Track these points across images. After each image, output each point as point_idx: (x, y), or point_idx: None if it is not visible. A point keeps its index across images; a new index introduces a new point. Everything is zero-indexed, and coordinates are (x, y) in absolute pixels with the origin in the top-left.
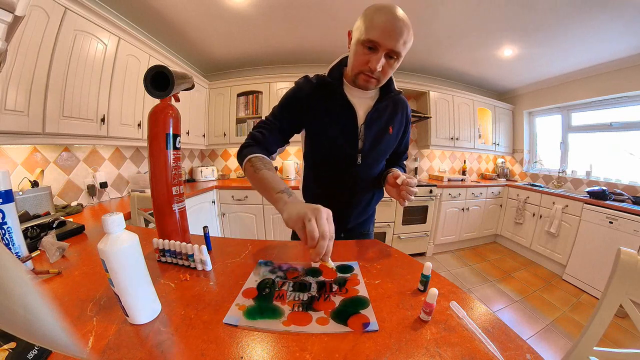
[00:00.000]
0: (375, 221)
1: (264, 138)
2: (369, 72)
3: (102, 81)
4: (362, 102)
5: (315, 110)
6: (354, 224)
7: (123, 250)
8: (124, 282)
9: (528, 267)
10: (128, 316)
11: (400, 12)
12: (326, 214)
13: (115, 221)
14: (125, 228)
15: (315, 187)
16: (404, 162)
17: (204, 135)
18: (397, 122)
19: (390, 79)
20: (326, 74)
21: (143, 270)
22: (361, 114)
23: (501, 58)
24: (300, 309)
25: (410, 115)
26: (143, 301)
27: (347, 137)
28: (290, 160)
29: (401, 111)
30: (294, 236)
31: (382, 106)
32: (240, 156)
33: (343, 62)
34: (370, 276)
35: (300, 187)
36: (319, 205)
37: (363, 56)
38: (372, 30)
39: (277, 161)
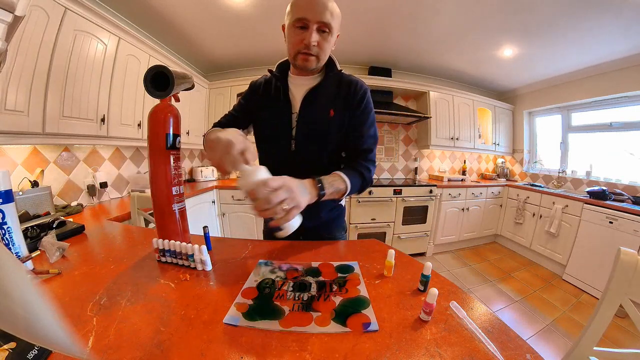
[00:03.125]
0: (376, 221)
1: (220, 125)
2: (305, 49)
3: (102, 81)
4: (303, 89)
5: (258, 102)
6: (311, 225)
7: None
8: None
9: (528, 267)
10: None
11: None
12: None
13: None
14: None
15: None
16: (364, 163)
17: (204, 135)
18: (340, 104)
19: (332, 60)
20: (274, 69)
21: None
22: (298, 101)
23: (501, 58)
24: (300, 309)
25: (364, 97)
26: None
27: (281, 123)
28: None
29: (346, 92)
30: (266, 235)
31: (321, 89)
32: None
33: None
34: (370, 276)
35: None
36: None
37: (296, 36)
38: (298, 10)
39: None
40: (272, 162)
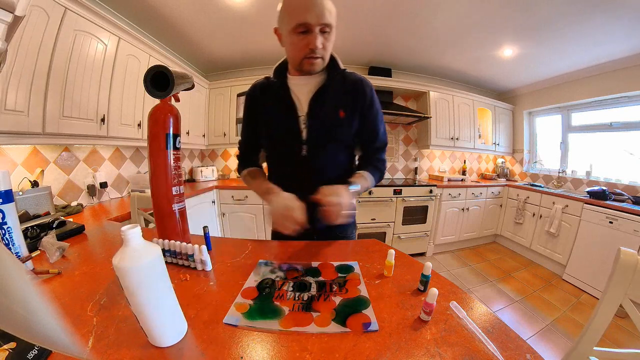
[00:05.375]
0: (376, 221)
1: (244, 156)
2: (311, 53)
3: (102, 81)
4: (306, 91)
5: (262, 112)
6: (324, 225)
7: (143, 266)
8: (143, 303)
9: (528, 267)
10: (148, 338)
11: None
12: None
13: (135, 233)
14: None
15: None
16: (381, 158)
17: (204, 135)
18: (350, 104)
19: (333, 58)
20: (271, 75)
21: (167, 288)
22: (304, 104)
23: (501, 58)
24: (300, 309)
25: (372, 97)
26: (167, 322)
27: (288, 129)
28: None
29: (354, 91)
30: (274, 236)
31: (328, 90)
32: (239, 172)
33: (286, 60)
34: (370, 276)
35: None
36: (291, 203)
37: (300, 42)
38: (296, 14)
39: None
40: (283, 169)
